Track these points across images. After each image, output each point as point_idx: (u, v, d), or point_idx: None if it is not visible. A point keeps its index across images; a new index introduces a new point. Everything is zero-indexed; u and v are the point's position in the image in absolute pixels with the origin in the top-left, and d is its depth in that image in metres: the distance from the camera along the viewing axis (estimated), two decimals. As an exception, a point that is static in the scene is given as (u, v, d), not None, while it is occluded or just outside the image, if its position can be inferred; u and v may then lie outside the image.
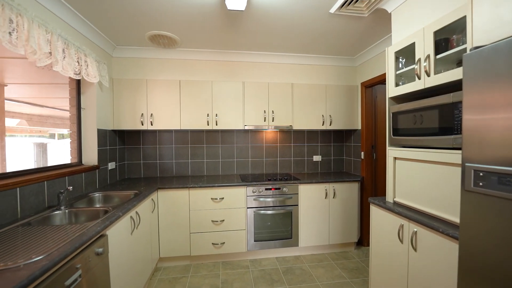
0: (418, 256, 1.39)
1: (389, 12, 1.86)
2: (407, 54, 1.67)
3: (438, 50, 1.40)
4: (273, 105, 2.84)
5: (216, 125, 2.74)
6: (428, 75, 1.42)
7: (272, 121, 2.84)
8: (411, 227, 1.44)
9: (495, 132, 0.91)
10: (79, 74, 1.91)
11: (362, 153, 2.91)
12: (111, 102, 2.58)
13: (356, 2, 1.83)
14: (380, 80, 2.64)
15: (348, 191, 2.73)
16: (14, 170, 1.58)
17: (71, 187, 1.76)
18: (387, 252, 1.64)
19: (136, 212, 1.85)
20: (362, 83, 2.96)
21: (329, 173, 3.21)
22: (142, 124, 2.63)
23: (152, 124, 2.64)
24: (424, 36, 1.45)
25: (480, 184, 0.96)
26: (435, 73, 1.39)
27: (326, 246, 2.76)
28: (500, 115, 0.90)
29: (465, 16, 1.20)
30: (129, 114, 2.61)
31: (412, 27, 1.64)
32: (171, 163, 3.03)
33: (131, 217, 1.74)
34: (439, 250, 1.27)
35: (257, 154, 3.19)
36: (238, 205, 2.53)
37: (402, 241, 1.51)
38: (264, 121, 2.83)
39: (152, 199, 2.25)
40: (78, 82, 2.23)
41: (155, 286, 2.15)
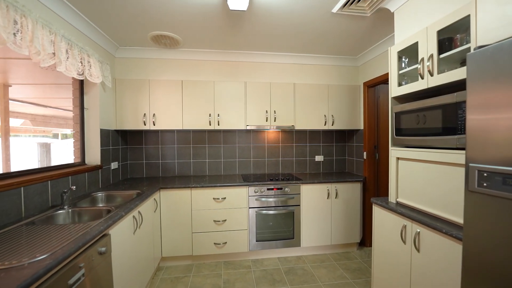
0: (421, 257, 1.38)
1: (391, 11, 1.85)
2: (410, 53, 1.66)
3: (441, 50, 1.39)
4: (275, 105, 2.84)
5: (218, 125, 2.75)
6: (432, 75, 1.41)
7: (274, 121, 2.83)
8: (414, 227, 1.43)
9: (500, 132, 0.90)
10: (82, 74, 1.93)
11: (365, 153, 2.90)
12: (113, 102, 2.60)
13: (359, 1, 1.82)
14: (382, 80, 2.63)
15: (351, 191, 2.72)
16: (19, 170, 1.59)
17: (74, 187, 1.77)
18: (390, 253, 1.63)
19: (139, 212, 1.86)
20: (364, 83, 2.95)
21: (331, 173, 3.20)
22: (145, 124, 2.64)
23: (154, 124, 2.65)
24: (428, 36, 1.44)
25: (484, 184, 0.96)
26: (439, 72, 1.38)
27: (328, 247, 2.75)
28: (505, 115, 0.89)
29: (469, 15, 1.19)
30: (131, 114, 2.63)
31: (415, 26, 1.63)
32: (173, 163, 3.04)
33: (133, 216, 1.75)
34: (443, 251, 1.26)
35: (259, 154, 3.19)
36: (240, 205, 2.53)
37: (405, 241, 1.50)
38: (266, 121, 2.83)
39: (154, 199, 2.25)
40: (81, 83, 2.24)
41: (157, 285, 2.16)
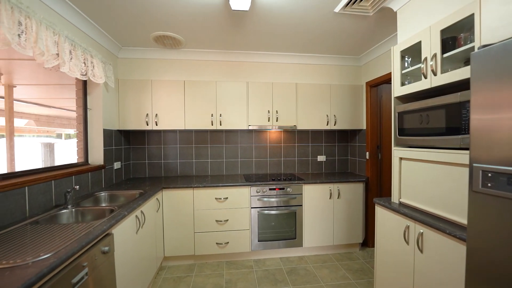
0: (424, 257, 1.37)
1: (394, 10, 1.84)
2: (413, 53, 1.65)
3: (445, 49, 1.38)
4: (277, 105, 2.84)
5: (220, 125, 2.75)
6: (435, 74, 1.40)
7: (276, 121, 2.83)
8: (417, 228, 1.42)
9: (504, 132, 0.89)
10: (85, 75, 1.94)
11: (367, 153, 2.88)
12: (116, 102, 2.61)
13: (361, 1, 1.82)
14: (385, 80, 2.61)
15: (353, 191, 2.71)
16: (23, 170, 1.61)
17: (78, 186, 1.79)
18: (393, 253, 1.62)
19: (141, 211, 1.87)
20: (367, 83, 2.94)
21: (333, 173, 3.19)
22: (147, 124, 2.65)
23: (157, 124, 2.66)
24: (431, 35, 1.42)
25: (489, 185, 0.95)
26: (442, 72, 1.37)
27: (331, 247, 2.74)
28: (510, 114, 0.88)
29: (473, 14, 1.18)
30: (134, 114, 2.64)
31: (418, 25, 1.62)
32: (175, 163, 3.05)
33: (136, 216, 1.76)
34: (446, 252, 1.25)
35: (261, 154, 3.19)
36: (242, 205, 2.54)
37: (408, 242, 1.49)
38: (268, 121, 2.82)
39: (157, 199, 2.26)
40: (85, 83, 2.26)
41: (159, 284, 2.17)
